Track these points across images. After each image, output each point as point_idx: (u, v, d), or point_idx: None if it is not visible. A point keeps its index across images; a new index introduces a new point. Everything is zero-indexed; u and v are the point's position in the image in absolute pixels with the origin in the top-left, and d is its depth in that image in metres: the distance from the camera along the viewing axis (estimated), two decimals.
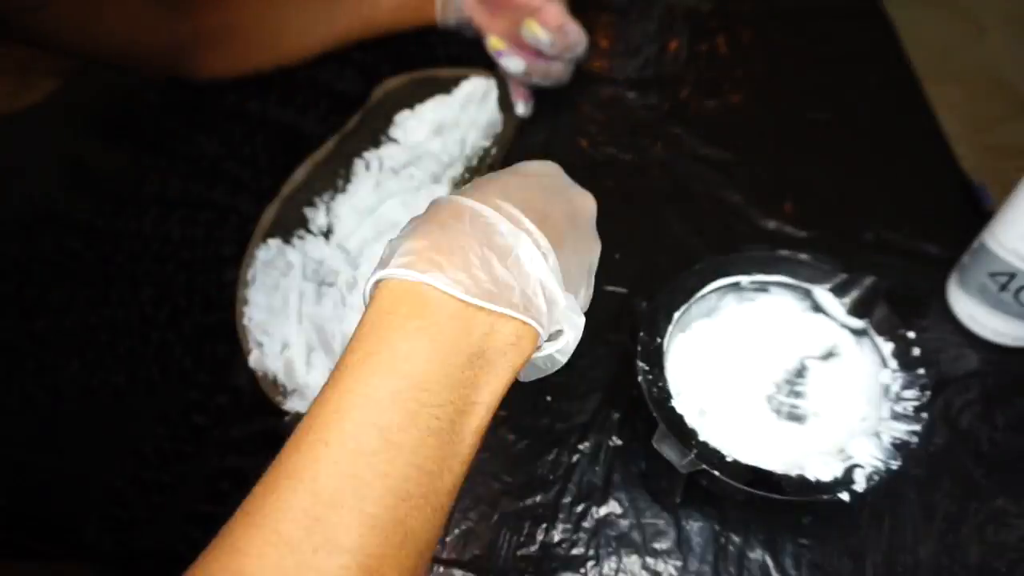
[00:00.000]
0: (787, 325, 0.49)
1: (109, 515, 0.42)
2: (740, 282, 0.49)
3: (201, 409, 0.50)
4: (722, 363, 0.48)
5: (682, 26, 0.76)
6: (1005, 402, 0.50)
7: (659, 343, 0.46)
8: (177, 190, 0.62)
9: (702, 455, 0.41)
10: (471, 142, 0.64)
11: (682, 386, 0.46)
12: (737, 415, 0.46)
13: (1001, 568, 0.43)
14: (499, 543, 0.45)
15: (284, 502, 0.26)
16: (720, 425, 0.45)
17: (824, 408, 0.46)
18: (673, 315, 0.47)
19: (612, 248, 0.59)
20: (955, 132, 0.64)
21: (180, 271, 0.56)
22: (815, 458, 0.41)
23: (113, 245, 0.58)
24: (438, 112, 0.65)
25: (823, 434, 0.45)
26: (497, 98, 0.67)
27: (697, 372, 0.48)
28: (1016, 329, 0.51)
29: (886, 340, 0.44)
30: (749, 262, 0.49)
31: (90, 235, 0.59)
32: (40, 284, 0.57)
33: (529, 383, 0.52)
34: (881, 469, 0.39)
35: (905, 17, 0.74)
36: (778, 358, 0.48)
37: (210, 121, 0.66)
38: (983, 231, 0.51)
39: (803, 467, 0.40)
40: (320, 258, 0.56)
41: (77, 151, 0.66)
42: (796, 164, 0.64)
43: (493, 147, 0.65)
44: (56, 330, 0.54)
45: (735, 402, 0.47)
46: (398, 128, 0.65)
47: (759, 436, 0.45)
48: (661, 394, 0.44)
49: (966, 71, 0.70)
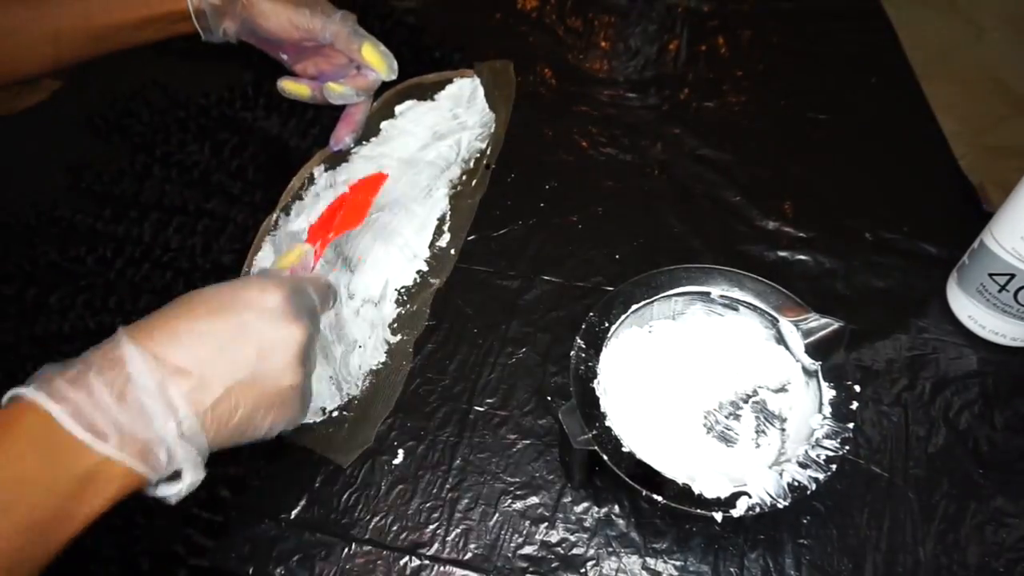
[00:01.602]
0: (746, 349, 0.49)
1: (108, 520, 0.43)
2: (711, 293, 0.48)
3: None
4: (670, 367, 0.49)
5: (682, 26, 0.76)
6: (1004, 402, 0.50)
7: (606, 327, 0.46)
8: (175, 198, 0.62)
9: (599, 438, 0.42)
10: (465, 144, 0.64)
11: (616, 374, 0.47)
12: (665, 419, 0.47)
13: (1000, 568, 0.44)
14: (499, 543, 0.46)
15: None
16: (641, 422, 0.46)
17: (751, 437, 0.46)
18: (631, 306, 0.47)
19: (612, 248, 0.59)
20: (953, 132, 0.64)
21: (179, 278, 0.57)
22: (709, 475, 0.41)
23: (113, 250, 0.59)
24: (428, 117, 0.65)
25: (737, 459, 0.45)
26: (484, 97, 0.67)
27: (639, 368, 0.48)
28: (1015, 329, 0.51)
29: (830, 387, 0.44)
30: (725, 277, 0.48)
31: (91, 239, 0.59)
32: (41, 287, 0.57)
33: (529, 383, 0.52)
34: (766, 503, 0.40)
35: (904, 17, 0.74)
36: (728, 379, 0.48)
37: (200, 128, 0.67)
38: (983, 231, 0.51)
39: (693, 479, 0.41)
40: (319, 263, 0.56)
41: (77, 154, 0.66)
42: (796, 164, 0.64)
43: (487, 147, 0.65)
44: (56, 334, 0.54)
45: (669, 407, 0.47)
46: (391, 137, 0.65)
47: (677, 444, 0.46)
48: (587, 372, 0.45)
49: (965, 71, 0.69)
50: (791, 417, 0.46)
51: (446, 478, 0.48)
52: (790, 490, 0.40)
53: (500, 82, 0.69)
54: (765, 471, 0.41)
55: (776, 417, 0.47)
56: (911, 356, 0.52)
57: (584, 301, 0.56)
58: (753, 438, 0.46)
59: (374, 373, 0.52)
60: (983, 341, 0.53)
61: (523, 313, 0.56)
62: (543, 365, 0.53)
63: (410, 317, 0.55)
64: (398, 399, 0.51)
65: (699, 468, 0.43)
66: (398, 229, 0.58)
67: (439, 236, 0.59)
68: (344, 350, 0.52)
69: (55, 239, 0.60)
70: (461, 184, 0.62)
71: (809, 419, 0.43)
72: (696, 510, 0.40)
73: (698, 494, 0.40)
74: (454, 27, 0.76)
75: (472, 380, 0.52)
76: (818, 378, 0.45)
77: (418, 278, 0.57)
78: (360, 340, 0.53)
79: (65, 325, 0.54)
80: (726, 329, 0.50)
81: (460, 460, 0.49)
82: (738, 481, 0.41)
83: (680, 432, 0.46)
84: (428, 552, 0.45)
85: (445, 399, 0.52)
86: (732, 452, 0.46)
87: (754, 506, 0.40)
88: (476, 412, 0.51)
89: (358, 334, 0.53)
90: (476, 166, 0.64)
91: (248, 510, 0.47)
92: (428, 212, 0.60)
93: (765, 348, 0.48)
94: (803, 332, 0.45)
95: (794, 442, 0.44)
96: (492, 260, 0.59)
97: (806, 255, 0.58)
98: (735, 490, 0.40)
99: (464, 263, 0.59)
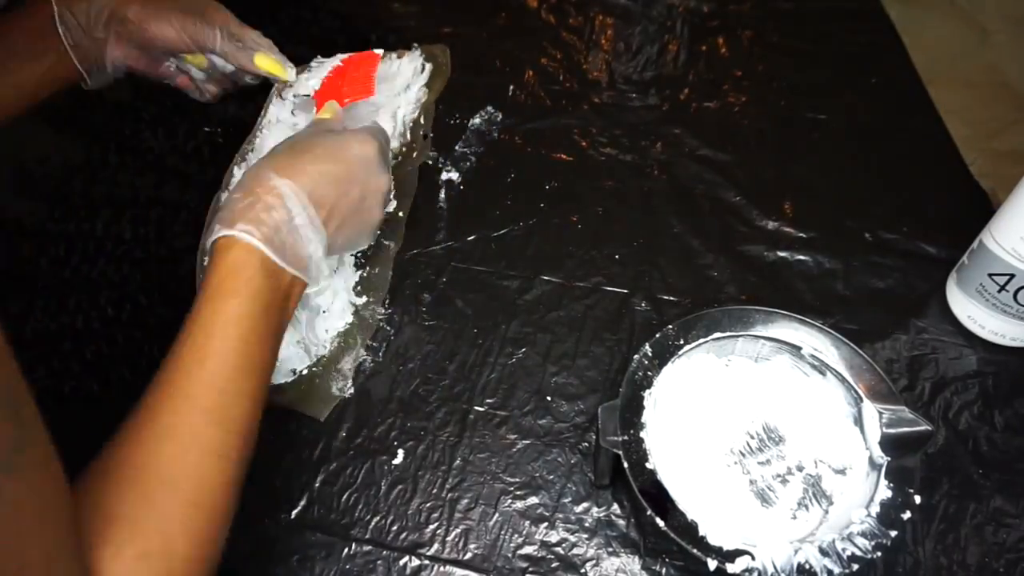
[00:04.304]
0: (820, 419, 0.46)
1: None
2: (802, 348, 0.46)
3: None
4: (734, 407, 0.46)
5: (682, 27, 0.76)
6: (1004, 403, 0.50)
7: (680, 344, 0.45)
8: (127, 189, 0.62)
9: (628, 444, 0.42)
10: (401, 117, 0.65)
11: (673, 393, 0.46)
12: (705, 454, 0.45)
13: (1000, 568, 0.44)
14: (499, 543, 0.46)
15: (194, 374, 0.37)
16: (678, 446, 0.45)
17: (790, 507, 0.44)
18: (714, 332, 0.46)
19: (612, 248, 0.59)
20: (963, 137, 0.64)
21: (135, 270, 0.57)
22: (722, 522, 0.40)
23: (66, 249, 0.58)
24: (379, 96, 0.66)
25: (761, 518, 0.44)
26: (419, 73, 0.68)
27: (701, 395, 0.47)
28: (1015, 329, 0.51)
29: (888, 486, 0.41)
30: (825, 336, 0.46)
31: (42, 240, 0.59)
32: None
33: (529, 383, 0.52)
34: (766, 573, 0.38)
35: (906, 18, 0.74)
36: (790, 443, 0.46)
37: (153, 116, 0.67)
38: (983, 231, 0.51)
39: (704, 519, 0.40)
40: None
41: (22, 153, 0.65)
42: (796, 164, 0.64)
43: (420, 116, 0.65)
44: (16, 341, 0.53)
45: (714, 445, 0.45)
46: None
47: (707, 483, 0.44)
48: (643, 380, 0.44)
49: (971, 74, 0.69)
50: (839, 502, 0.43)
51: (446, 478, 0.48)
52: (798, 571, 0.38)
53: (436, 62, 0.69)
54: (782, 542, 0.39)
55: (825, 497, 0.44)
56: (911, 356, 0.52)
57: (584, 301, 0.56)
58: (792, 508, 0.44)
59: (342, 334, 0.54)
60: (983, 341, 0.53)
61: (523, 313, 0.56)
62: (543, 365, 0.53)
63: (372, 279, 0.57)
64: (399, 399, 0.52)
65: (716, 512, 0.42)
66: None
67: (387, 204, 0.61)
68: (308, 315, 0.54)
69: (5, 242, 0.60)
70: (402, 155, 0.63)
71: (854, 510, 0.41)
72: (693, 549, 0.39)
73: (701, 535, 0.39)
74: (455, 27, 0.76)
75: (472, 380, 0.52)
76: (880, 473, 0.42)
77: (372, 241, 0.59)
78: (324, 305, 0.55)
79: (27, 329, 0.54)
80: (807, 391, 0.47)
81: (460, 460, 0.49)
82: (749, 539, 0.39)
83: (716, 473, 0.44)
84: (428, 552, 0.45)
85: (445, 399, 0.52)
86: (763, 512, 0.44)
87: (752, 570, 0.38)
88: (476, 412, 0.51)
89: (321, 300, 0.55)
90: (413, 136, 0.64)
91: (248, 510, 0.47)
92: None
93: (840, 425, 0.45)
94: (886, 422, 0.43)
95: (830, 528, 0.42)
96: (492, 260, 0.59)
97: (806, 255, 0.58)
98: (741, 547, 0.39)
99: (464, 263, 0.59)
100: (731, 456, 0.45)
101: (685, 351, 0.46)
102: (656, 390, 0.44)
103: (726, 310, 0.47)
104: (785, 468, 0.45)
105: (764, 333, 0.47)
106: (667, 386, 0.45)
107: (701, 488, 0.44)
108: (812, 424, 0.46)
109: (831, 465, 0.45)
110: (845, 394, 0.45)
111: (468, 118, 0.69)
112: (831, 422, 0.46)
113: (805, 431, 0.46)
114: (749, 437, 0.46)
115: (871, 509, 0.40)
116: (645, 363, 0.45)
